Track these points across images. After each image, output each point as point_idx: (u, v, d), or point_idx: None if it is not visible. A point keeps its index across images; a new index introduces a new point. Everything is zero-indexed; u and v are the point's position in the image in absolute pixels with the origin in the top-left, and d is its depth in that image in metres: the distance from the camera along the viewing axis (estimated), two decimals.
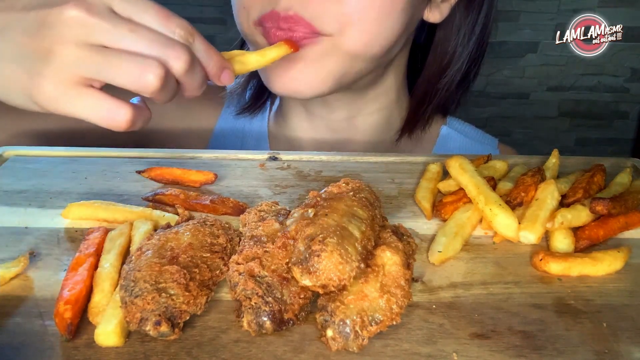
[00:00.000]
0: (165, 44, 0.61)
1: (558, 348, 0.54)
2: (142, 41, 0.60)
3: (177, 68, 0.61)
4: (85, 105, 0.60)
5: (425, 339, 0.54)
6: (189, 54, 0.62)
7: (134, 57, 0.59)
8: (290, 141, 1.09)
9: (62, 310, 0.53)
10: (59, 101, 0.60)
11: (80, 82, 0.59)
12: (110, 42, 0.59)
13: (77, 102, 0.59)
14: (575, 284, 0.62)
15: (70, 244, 0.67)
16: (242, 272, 0.56)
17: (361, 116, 1.04)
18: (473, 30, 0.98)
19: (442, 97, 1.03)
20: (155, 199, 0.74)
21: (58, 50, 0.59)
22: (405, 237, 0.64)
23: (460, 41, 0.98)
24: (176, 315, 0.53)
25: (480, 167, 0.80)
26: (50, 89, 0.59)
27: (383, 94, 1.02)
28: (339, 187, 0.65)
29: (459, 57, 0.99)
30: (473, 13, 0.97)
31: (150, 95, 0.61)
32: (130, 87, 0.59)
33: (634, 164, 0.86)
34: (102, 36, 0.59)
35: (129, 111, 0.60)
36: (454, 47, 0.99)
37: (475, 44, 0.99)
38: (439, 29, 0.99)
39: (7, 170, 0.83)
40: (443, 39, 0.99)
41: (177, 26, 0.62)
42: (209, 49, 0.66)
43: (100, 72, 0.59)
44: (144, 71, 0.58)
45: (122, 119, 0.60)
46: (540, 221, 0.67)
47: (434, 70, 1.02)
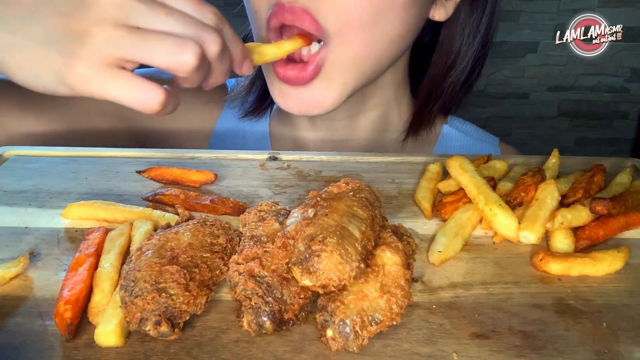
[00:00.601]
0: (200, 27, 0.62)
1: (558, 348, 0.54)
2: (178, 24, 0.61)
3: (211, 50, 0.62)
4: (118, 87, 0.60)
5: (425, 339, 0.54)
6: (221, 38, 0.63)
7: (171, 37, 0.60)
8: (292, 140, 1.09)
9: (62, 310, 0.53)
10: (92, 82, 0.60)
11: (115, 63, 0.60)
12: (146, 24, 0.60)
13: (110, 83, 0.60)
14: (575, 284, 0.62)
15: (70, 244, 0.67)
16: (242, 272, 0.56)
17: (361, 113, 1.04)
18: (478, 29, 0.98)
19: (448, 96, 1.03)
20: (155, 199, 0.74)
21: (94, 31, 0.59)
22: (405, 237, 0.64)
23: (465, 40, 0.98)
24: (176, 315, 0.53)
25: (480, 167, 0.80)
26: (84, 70, 0.59)
27: (380, 91, 1.02)
28: (339, 187, 0.65)
29: (464, 56, 0.99)
30: (478, 11, 0.97)
31: (186, 74, 0.61)
32: (168, 65, 0.60)
33: (634, 164, 0.86)
34: (138, 18, 0.60)
35: (162, 94, 0.61)
36: (458, 46, 0.99)
37: (479, 43, 0.99)
38: (443, 28, 0.99)
39: (7, 170, 0.83)
40: (448, 37, 0.99)
41: (209, 12, 0.64)
42: (236, 37, 0.68)
43: (137, 52, 0.59)
44: (182, 50, 0.59)
45: (155, 100, 0.60)
46: (540, 221, 0.67)
47: (439, 69, 1.01)
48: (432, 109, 1.04)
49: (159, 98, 0.60)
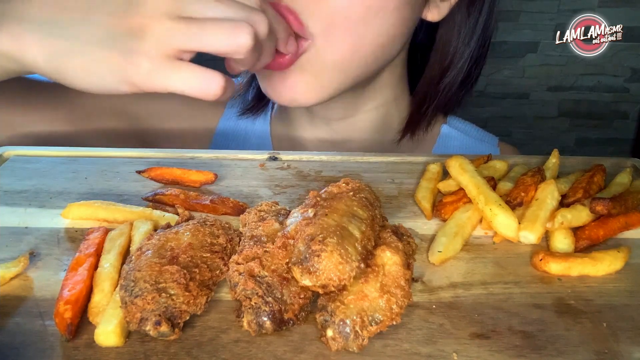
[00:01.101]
0: (248, 10, 0.64)
1: (558, 348, 0.54)
2: (228, 9, 0.63)
3: (261, 30, 0.64)
4: (181, 78, 0.61)
5: (425, 339, 0.54)
6: (267, 18, 0.65)
7: (225, 21, 0.62)
8: (292, 140, 1.09)
9: (62, 310, 0.53)
10: (155, 77, 0.61)
11: (174, 54, 0.61)
12: (198, 12, 0.62)
13: (173, 75, 0.61)
14: (575, 284, 0.62)
15: (70, 244, 0.67)
16: (242, 272, 0.56)
17: (360, 114, 1.04)
18: (475, 29, 0.97)
19: (444, 97, 1.02)
20: (155, 199, 0.74)
21: (151, 25, 0.60)
22: (405, 237, 0.64)
23: (462, 41, 0.97)
24: (176, 315, 0.53)
25: (480, 167, 0.80)
26: (147, 65, 0.60)
27: (379, 92, 1.02)
28: (339, 187, 0.65)
29: (460, 57, 0.99)
30: (474, 12, 0.96)
31: (243, 55, 0.63)
32: (226, 49, 0.62)
33: (634, 164, 0.86)
34: (190, 7, 0.62)
35: (221, 79, 0.62)
36: (455, 47, 0.98)
37: (476, 43, 0.98)
38: (440, 28, 0.98)
39: (7, 170, 0.83)
40: (444, 38, 0.98)
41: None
42: (278, 17, 0.72)
43: (196, 41, 0.61)
44: (237, 33, 0.61)
45: (216, 86, 0.62)
46: (540, 221, 0.67)
47: (435, 70, 1.01)
48: (427, 109, 1.04)
49: (220, 83, 0.62)
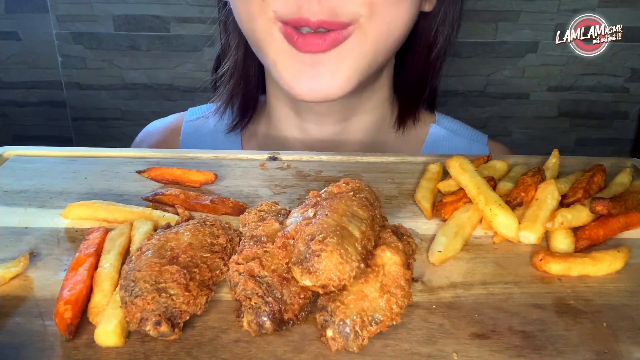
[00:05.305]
0: None
1: (558, 348, 0.54)
2: None
3: None
4: None
5: (425, 339, 0.54)
6: None
7: None
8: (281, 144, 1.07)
9: (62, 310, 0.53)
10: None
11: None
12: None
13: None
14: (575, 284, 0.62)
15: (70, 244, 0.67)
16: (242, 272, 0.56)
17: (355, 117, 1.03)
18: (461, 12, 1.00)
19: (432, 83, 1.04)
20: (155, 199, 0.74)
21: None
22: (405, 237, 0.64)
23: (449, 26, 0.99)
24: (176, 315, 0.53)
25: (480, 167, 0.80)
26: None
27: (378, 92, 1.02)
28: (339, 187, 0.65)
29: (443, 42, 1.00)
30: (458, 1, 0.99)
31: None
32: None
33: (634, 164, 0.86)
34: None
35: None
36: (436, 34, 1.00)
37: (451, 27, 1.00)
38: (422, 19, 0.99)
39: (7, 170, 0.83)
40: (427, 28, 0.99)
41: None
42: None
43: None
44: None
45: None
46: (540, 221, 0.67)
47: (420, 59, 1.02)
48: (417, 101, 1.06)
49: None
